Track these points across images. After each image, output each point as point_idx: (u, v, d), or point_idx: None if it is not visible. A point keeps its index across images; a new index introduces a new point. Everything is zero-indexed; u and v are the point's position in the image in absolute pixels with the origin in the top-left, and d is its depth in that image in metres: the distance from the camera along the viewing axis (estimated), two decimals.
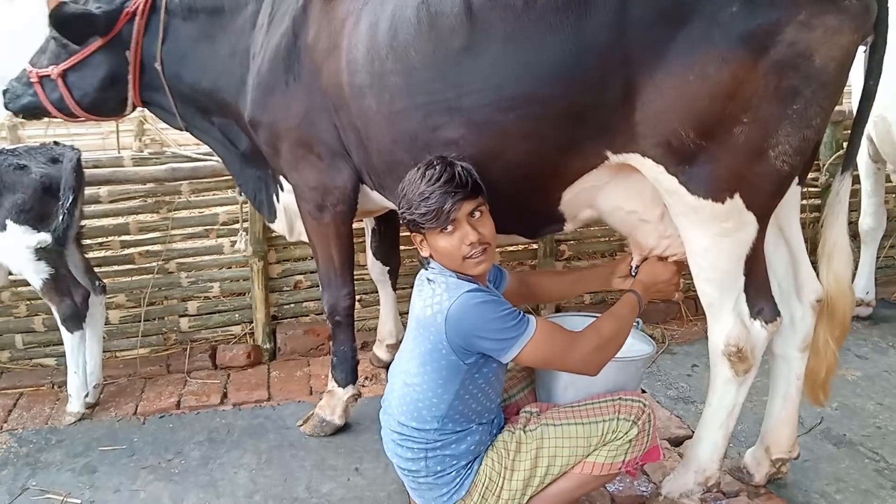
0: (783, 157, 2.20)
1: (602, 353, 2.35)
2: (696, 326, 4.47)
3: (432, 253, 2.37)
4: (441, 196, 2.26)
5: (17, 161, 3.43)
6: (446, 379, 2.33)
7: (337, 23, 2.83)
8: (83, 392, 3.61)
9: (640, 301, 2.52)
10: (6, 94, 3.60)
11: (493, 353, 2.29)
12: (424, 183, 2.29)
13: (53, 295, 3.51)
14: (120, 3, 3.35)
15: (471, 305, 2.26)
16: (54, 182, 3.44)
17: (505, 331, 2.26)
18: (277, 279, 4.42)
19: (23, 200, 3.37)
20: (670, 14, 2.16)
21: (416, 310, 2.42)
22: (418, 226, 2.33)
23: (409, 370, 2.42)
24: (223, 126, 3.50)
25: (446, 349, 2.28)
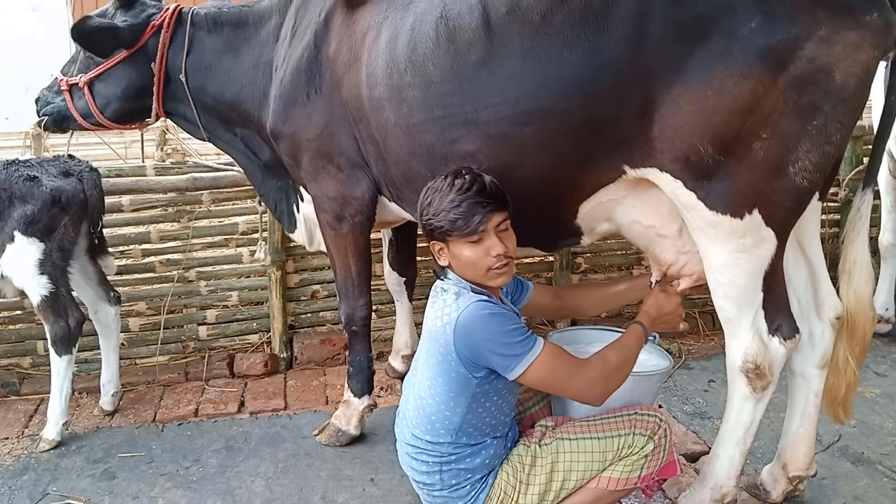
0: (803, 172, 2.20)
1: (606, 384, 2.31)
2: (712, 341, 4.45)
3: (453, 262, 2.37)
4: (472, 205, 2.27)
5: (29, 172, 3.41)
6: (457, 392, 2.33)
7: (358, 36, 2.87)
8: (63, 420, 3.53)
9: (645, 332, 2.49)
10: (38, 101, 3.67)
11: (498, 368, 2.27)
12: (455, 191, 2.29)
13: (49, 314, 3.45)
14: (146, 17, 3.41)
15: (478, 316, 2.25)
16: (65, 196, 3.42)
17: (511, 346, 2.24)
18: (295, 289, 4.44)
19: (32, 212, 3.34)
20: (688, 29, 2.17)
21: (428, 321, 2.42)
22: (444, 233, 2.32)
23: (421, 382, 2.42)
24: (245, 137, 3.54)
25: (455, 361, 2.28)
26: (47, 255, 3.39)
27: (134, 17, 3.40)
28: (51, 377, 3.53)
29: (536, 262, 4.64)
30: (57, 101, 3.57)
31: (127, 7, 3.42)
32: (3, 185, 3.37)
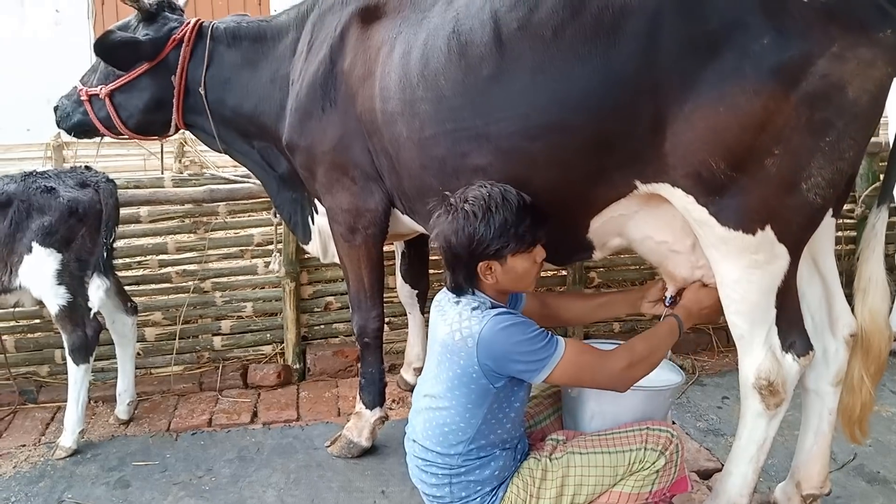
0: (815, 189, 2.19)
1: (633, 371, 2.34)
2: (726, 357, 4.42)
3: (503, 277, 2.38)
4: (535, 219, 2.35)
5: (46, 183, 3.46)
6: (475, 403, 2.34)
7: (372, 51, 2.90)
8: (79, 428, 3.57)
9: (680, 326, 2.51)
10: (57, 111, 3.73)
11: (524, 375, 2.30)
12: (510, 207, 2.33)
13: (66, 323, 3.48)
14: (167, 30, 3.46)
15: (500, 328, 2.27)
16: (80, 206, 3.46)
17: (535, 352, 2.27)
18: (308, 300, 4.47)
19: (49, 223, 3.38)
20: (700, 45, 2.17)
21: (439, 334, 2.42)
22: (505, 251, 2.33)
23: (435, 394, 2.42)
24: (262, 149, 3.58)
25: (477, 373, 2.29)
26: (65, 265, 3.43)
27: (156, 31, 3.45)
28: (68, 386, 3.56)
29: (549, 276, 4.63)
30: (77, 111, 3.62)
31: (149, 21, 3.48)
32: (21, 196, 3.41)
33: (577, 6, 2.34)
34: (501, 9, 2.50)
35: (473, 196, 2.36)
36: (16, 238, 3.39)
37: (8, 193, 3.42)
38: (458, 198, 2.40)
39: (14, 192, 3.42)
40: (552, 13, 2.38)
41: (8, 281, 3.45)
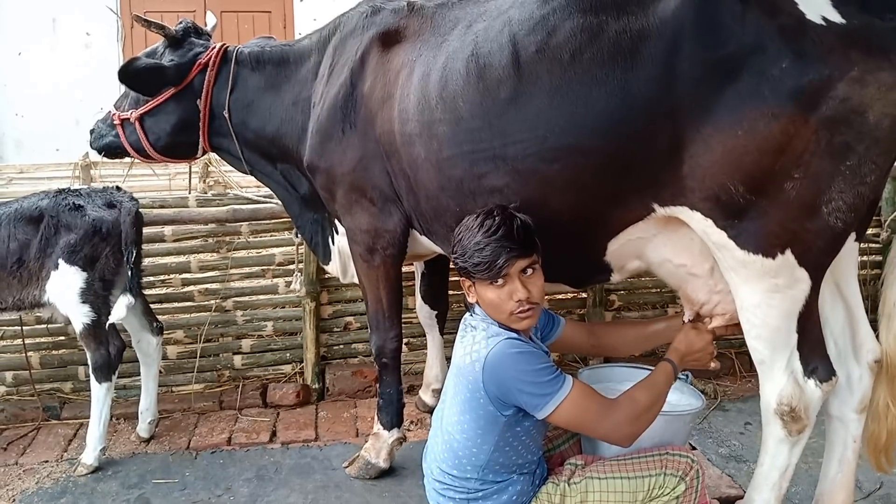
0: (836, 213, 2.17)
1: (636, 425, 2.28)
2: (749, 383, 4.36)
3: (479, 301, 2.39)
4: (496, 249, 2.27)
5: (75, 201, 3.53)
6: (485, 429, 2.31)
7: (392, 74, 2.93)
8: (101, 445, 3.59)
9: (675, 370, 2.46)
10: (92, 133, 3.81)
11: (527, 407, 2.25)
12: (481, 233, 2.29)
13: (91, 341, 3.52)
14: (193, 55, 3.52)
15: (507, 354, 2.25)
16: (105, 226, 3.50)
17: (540, 385, 2.23)
18: (328, 320, 4.48)
19: (75, 241, 3.44)
20: (718, 69, 2.17)
21: (457, 356, 2.42)
22: (469, 274, 2.35)
23: (449, 418, 2.41)
24: (285, 171, 3.61)
25: (484, 398, 2.27)
26: (89, 284, 3.47)
27: (181, 56, 3.51)
28: (91, 403, 3.59)
29: (569, 298, 4.62)
30: (110, 134, 3.70)
31: (175, 46, 3.55)
32: (51, 212, 3.48)
33: (595, 30, 2.36)
34: (520, 32, 2.53)
35: (475, 215, 2.40)
36: (45, 253, 3.46)
37: (40, 209, 3.50)
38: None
39: (45, 208, 3.50)
40: (570, 37, 2.40)
41: (39, 295, 3.51)
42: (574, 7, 2.44)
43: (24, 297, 3.51)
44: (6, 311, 3.58)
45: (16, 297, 3.51)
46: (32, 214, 3.49)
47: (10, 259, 3.44)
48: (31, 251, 3.45)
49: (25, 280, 3.48)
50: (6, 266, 3.44)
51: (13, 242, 3.44)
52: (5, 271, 3.45)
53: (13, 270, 3.45)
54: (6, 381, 4.21)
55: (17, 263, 3.45)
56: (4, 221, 3.47)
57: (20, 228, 3.46)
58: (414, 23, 3.01)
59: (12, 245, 3.44)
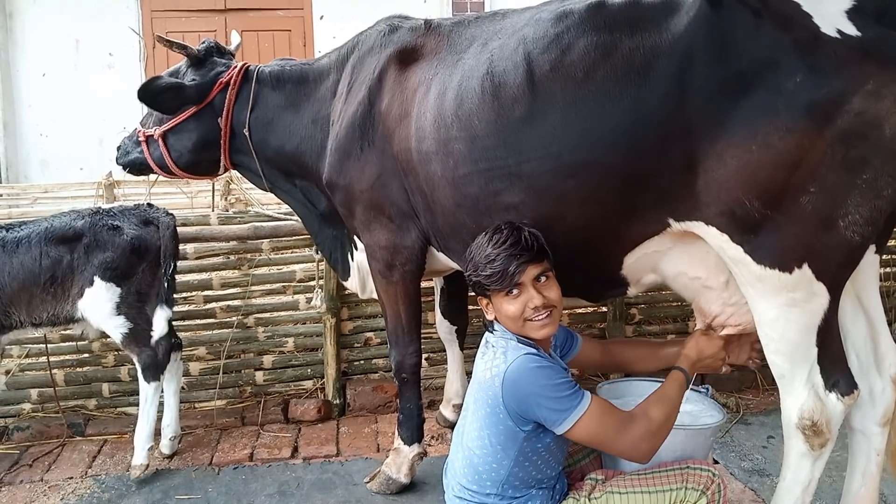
0: (853, 227, 2.16)
1: (653, 441, 2.27)
2: (772, 396, 4.32)
3: (497, 316, 2.40)
4: (507, 259, 2.31)
5: (112, 222, 3.62)
6: (504, 445, 2.32)
7: (409, 92, 2.96)
8: (149, 444, 3.66)
9: (686, 377, 2.46)
10: (119, 149, 3.87)
11: (546, 422, 2.26)
12: (491, 246, 2.34)
13: (133, 346, 3.62)
14: (214, 75, 3.56)
15: (526, 369, 2.26)
16: (142, 244, 3.62)
17: (559, 400, 2.23)
18: (349, 336, 4.51)
19: (112, 259, 3.53)
20: (732, 84, 2.18)
21: (477, 372, 2.43)
22: (484, 288, 2.37)
23: (469, 433, 2.42)
24: (304, 188, 3.65)
25: (503, 413, 2.28)
26: (123, 298, 3.57)
27: (203, 76, 3.55)
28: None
29: (590, 312, 4.61)
30: (135, 151, 3.76)
31: (198, 66, 3.59)
32: (87, 232, 3.57)
33: (608, 47, 2.38)
34: (535, 50, 2.55)
35: (484, 233, 2.43)
36: (79, 271, 3.54)
37: (75, 229, 3.58)
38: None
39: (81, 229, 3.59)
40: (584, 54, 2.42)
41: (70, 311, 3.59)
42: (588, 25, 2.46)
43: (58, 312, 3.59)
44: (41, 326, 3.65)
45: (50, 313, 3.59)
46: (66, 234, 3.57)
47: (42, 276, 3.51)
48: (63, 268, 3.53)
49: (59, 296, 3.56)
50: (39, 283, 3.51)
51: (45, 260, 3.51)
52: (38, 288, 3.52)
53: (46, 287, 3.52)
54: (31, 398, 4.27)
55: (51, 280, 3.52)
56: (35, 240, 3.54)
57: (52, 247, 3.54)
58: (431, 41, 3.05)
59: (45, 262, 3.51)
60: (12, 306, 3.53)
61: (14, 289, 3.50)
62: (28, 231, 3.59)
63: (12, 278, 3.49)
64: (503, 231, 2.37)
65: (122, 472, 3.75)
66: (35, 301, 3.54)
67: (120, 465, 3.84)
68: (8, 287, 3.50)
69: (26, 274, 3.50)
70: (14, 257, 3.50)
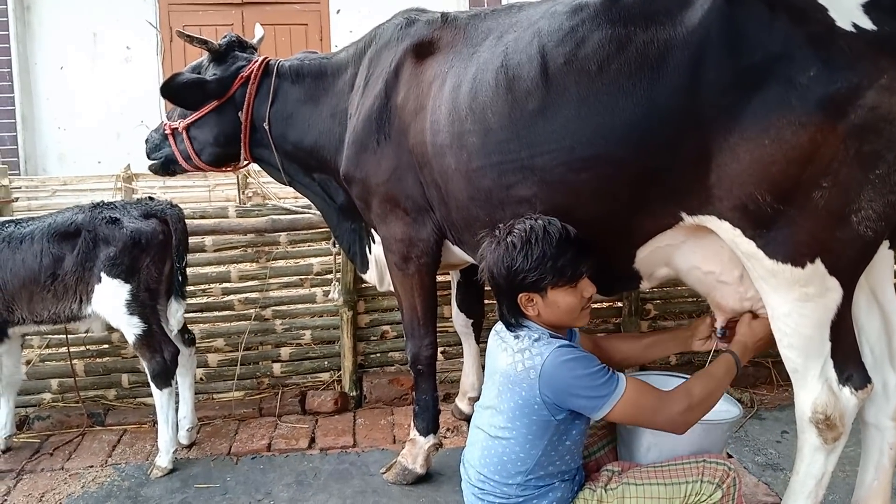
0: (866, 222, 2.16)
1: (691, 414, 2.32)
2: (786, 391, 4.31)
3: (546, 311, 2.40)
4: (577, 253, 2.36)
5: (111, 214, 3.60)
6: (536, 434, 2.35)
7: (424, 85, 2.99)
8: (173, 447, 3.69)
9: (737, 363, 2.49)
10: (147, 142, 3.90)
11: (584, 410, 2.31)
12: (555, 242, 2.34)
13: (145, 351, 3.61)
14: (235, 69, 3.59)
15: (562, 361, 2.29)
16: (143, 237, 3.57)
17: (596, 388, 2.28)
18: (365, 329, 4.54)
19: (115, 254, 3.50)
20: (745, 78, 2.18)
21: (500, 364, 2.44)
22: (545, 284, 2.35)
23: (495, 424, 2.43)
24: (323, 181, 3.68)
25: (539, 404, 2.31)
26: (134, 295, 3.55)
27: (224, 70, 3.58)
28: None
29: (605, 307, 4.62)
30: (163, 144, 3.79)
31: (219, 61, 3.63)
32: (88, 227, 3.55)
33: (622, 41, 2.39)
34: (549, 44, 2.56)
35: (517, 228, 2.40)
36: (85, 267, 3.53)
37: (76, 224, 3.57)
38: (503, 229, 2.45)
39: (81, 223, 3.57)
40: (598, 48, 2.43)
41: (77, 309, 3.59)
42: (602, 18, 2.47)
43: (59, 310, 3.58)
44: (42, 324, 3.65)
45: (51, 311, 3.58)
46: (68, 229, 3.56)
47: (43, 274, 3.50)
48: (65, 265, 3.52)
49: (61, 294, 3.55)
50: (39, 280, 3.51)
51: (46, 257, 3.50)
52: (38, 286, 3.52)
53: (47, 285, 3.52)
54: (52, 388, 4.33)
55: (51, 278, 3.51)
56: (38, 237, 3.54)
57: (54, 243, 3.53)
58: (447, 34, 3.06)
59: (45, 260, 3.50)
60: (14, 303, 3.55)
61: (16, 286, 3.52)
62: (32, 227, 3.59)
63: (14, 275, 3.51)
64: (556, 225, 2.38)
65: (141, 461, 3.81)
66: (35, 299, 3.55)
67: (139, 454, 3.90)
68: (10, 284, 3.51)
69: (27, 271, 3.51)
70: (17, 253, 3.51)
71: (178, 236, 3.70)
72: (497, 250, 2.41)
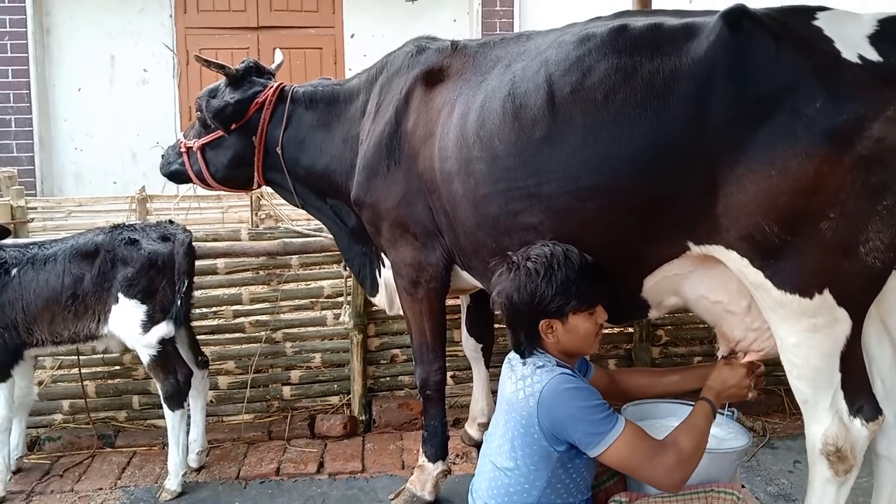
0: (874, 253, 2.15)
1: (685, 469, 2.27)
2: (798, 420, 4.17)
3: (565, 337, 2.39)
4: (596, 278, 2.37)
5: (130, 236, 3.65)
6: (538, 465, 2.33)
7: (434, 112, 3.01)
8: (182, 470, 3.69)
9: (713, 408, 2.45)
10: (162, 158, 3.96)
11: (580, 444, 2.27)
12: (576, 268, 2.35)
13: (159, 372, 3.64)
14: (252, 94, 3.64)
15: (562, 389, 2.28)
16: (160, 258, 3.61)
17: (594, 423, 2.24)
18: (375, 352, 4.54)
19: (132, 275, 3.54)
20: (752, 109, 2.19)
21: (506, 392, 2.43)
22: (567, 309, 2.34)
23: (500, 454, 2.42)
24: (334, 205, 3.71)
25: (538, 433, 2.29)
26: (150, 316, 3.58)
27: (241, 94, 3.63)
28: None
29: (615, 333, 4.59)
30: (177, 161, 3.85)
31: (236, 85, 3.67)
32: (107, 247, 3.61)
33: (628, 71, 2.40)
34: (556, 73, 2.58)
35: (535, 254, 2.40)
36: (103, 287, 3.57)
37: (96, 244, 3.63)
38: (520, 256, 2.44)
39: (101, 243, 3.63)
40: (605, 78, 2.44)
41: (95, 328, 3.62)
42: (608, 48, 2.48)
43: (79, 330, 3.62)
44: (60, 344, 3.68)
45: (71, 331, 3.62)
46: (88, 250, 3.61)
47: (64, 293, 3.55)
48: (85, 285, 3.56)
49: (81, 313, 3.59)
50: (60, 300, 3.55)
51: (67, 277, 3.55)
52: (60, 305, 3.56)
53: (68, 305, 3.56)
54: (63, 409, 4.34)
55: (72, 298, 3.56)
56: (60, 257, 3.59)
57: (75, 264, 3.58)
58: (457, 62, 3.10)
59: (66, 280, 3.55)
60: (35, 324, 3.58)
61: (39, 307, 3.55)
62: (55, 249, 3.64)
63: (37, 296, 3.54)
64: (574, 251, 2.40)
65: (150, 483, 3.81)
66: (57, 319, 3.58)
67: (149, 476, 3.90)
68: (33, 304, 3.55)
69: (51, 292, 3.55)
70: (41, 275, 3.56)
71: (179, 261, 3.68)
72: (518, 277, 2.39)
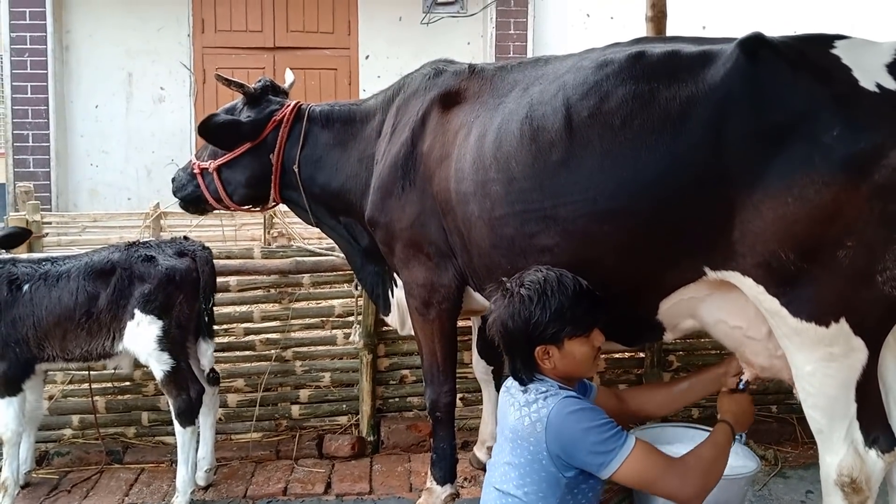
0: (892, 282, 2.14)
1: (705, 480, 2.26)
2: (811, 449, 4.20)
3: (561, 362, 2.38)
4: (592, 302, 2.37)
5: (147, 252, 3.65)
6: (546, 492, 2.31)
7: (450, 134, 3.03)
8: (190, 488, 3.66)
9: (732, 432, 2.46)
10: (174, 181, 3.97)
11: (591, 467, 2.25)
12: (571, 293, 2.35)
13: (172, 388, 3.62)
14: (268, 112, 3.66)
15: (569, 412, 2.26)
16: (177, 274, 3.62)
17: (604, 442, 2.23)
18: (385, 373, 4.52)
19: (149, 291, 3.54)
20: (769, 136, 2.19)
21: (510, 420, 2.41)
22: (563, 335, 2.35)
23: (506, 482, 2.39)
24: (348, 224, 3.72)
25: (546, 460, 2.28)
26: (166, 331, 3.57)
27: (257, 113, 3.65)
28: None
29: (626, 357, 4.56)
30: (191, 183, 3.84)
31: (253, 104, 3.70)
32: (124, 264, 3.61)
33: (645, 97, 2.42)
34: (573, 97, 2.60)
35: (529, 280, 2.40)
36: (119, 305, 3.56)
37: (112, 262, 3.62)
38: (513, 282, 2.44)
39: (117, 261, 3.62)
40: (622, 103, 2.46)
41: (110, 346, 3.61)
42: (626, 74, 2.51)
43: (92, 348, 3.60)
44: (73, 361, 3.67)
45: (84, 349, 3.60)
46: (104, 267, 3.61)
47: (77, 311, 3.54)
48: (100, 303, 3.55)
49: (94, 331, 3.58)
50: (74, 318, 3.54)
51: (81, 295, 3.54)
52: (73, 323, 3.55)
53: (81, 322, 3.55)
54: (72, 424, 4.34)
55: (86, 315, 3.54)
56: (74, 274, 3.58)
57: (89, 281, 3.57)
58: (474, 85, 3.12)
59: (80, 298, 3.54)
60: (46, 340, 3.57)
61: (50, 323, 3.54)
62: (69, 265, 3.63)
63: (49, 312, 3.53)
64: (568, 276, 2.39)
65: (158, 501, 3.79)
66: (69, 336, 3.57)
67: (156, 493, 3.88)
68: (44, 321, 3.53)
69: (63, 309, 3.53)
70: (53, 291, 3.55)
71: (205, 278, 3.73)
72: (511, 303, 2.38)
